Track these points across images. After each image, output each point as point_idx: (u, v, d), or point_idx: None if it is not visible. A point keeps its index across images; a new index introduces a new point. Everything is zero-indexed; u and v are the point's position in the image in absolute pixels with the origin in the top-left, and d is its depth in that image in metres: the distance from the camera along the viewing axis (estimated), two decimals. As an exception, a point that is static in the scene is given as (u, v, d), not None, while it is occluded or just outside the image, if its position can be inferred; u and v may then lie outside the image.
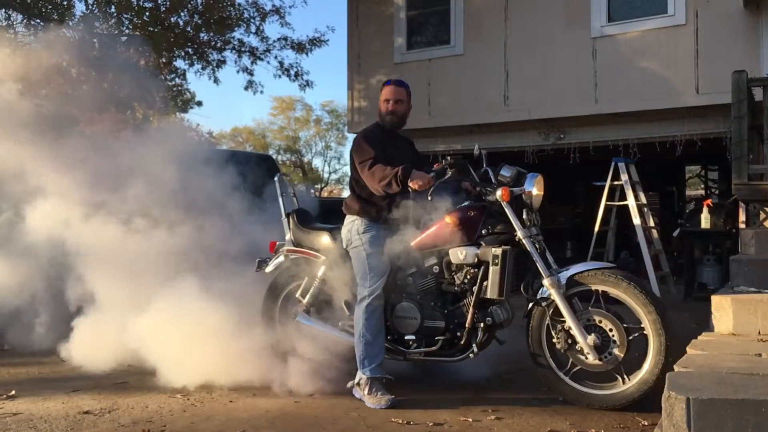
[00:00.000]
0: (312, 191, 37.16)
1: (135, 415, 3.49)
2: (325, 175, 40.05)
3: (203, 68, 12.08)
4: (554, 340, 3.61)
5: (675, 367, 3.09)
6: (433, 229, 3.83)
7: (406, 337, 3.90)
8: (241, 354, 4.13)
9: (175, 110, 13.94)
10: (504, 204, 3.63)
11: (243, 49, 12.50)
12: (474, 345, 3.75)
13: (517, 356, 5.01)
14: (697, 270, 8.62)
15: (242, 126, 37.72)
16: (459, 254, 3.74)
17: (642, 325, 3.46)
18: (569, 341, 3.56)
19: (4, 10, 9.35)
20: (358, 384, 3.81)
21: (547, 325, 3.65)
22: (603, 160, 9.89)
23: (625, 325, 3.49)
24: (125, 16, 10.04)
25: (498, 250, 3.62)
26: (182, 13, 10.63)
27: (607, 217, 9.74)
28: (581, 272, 3.57)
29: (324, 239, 4.21)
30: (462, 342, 3.77)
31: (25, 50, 9.13)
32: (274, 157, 18.80)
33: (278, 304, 4.44)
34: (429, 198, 3.71)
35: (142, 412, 3.53)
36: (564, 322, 3.55)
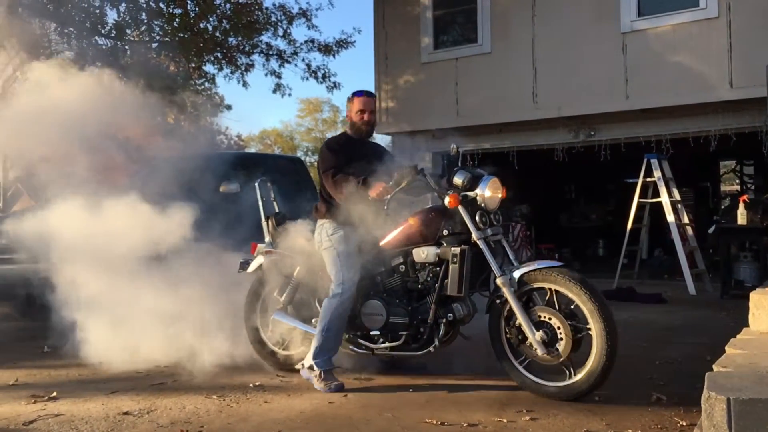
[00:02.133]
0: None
1: (173, 415, 3.55)
2: (354, 176, 40.06)
3: (232, 72, 12.22)
4: (507, 336, 3.82)
5: (714, 366, 3.04)
6: (398, 230, 4.07)
7: (372, 333, 4.12)
8: None
9: (205, 114, 14.11)
10: (459, 208, 3.84)
11: (271, 52, 12.61)
12: (436, 340, 3.97)
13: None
14: (733, 267, 8.45)
15: (270, 128, 37.97)
16: (421, 253, 4.00)
17: (588, 325, 3.60)
18: (520, 336, 3.76)
19: (38, 19, 9.56)
20: (310, 368, 4.06)
21: (504, 318, 3.85)
22: (635, 157, 9.77)
23: (571, 323, 3.64)
24: (156, 23, 10.19)
25: (456, 250, 3.85)
26: (211, 19, 10.76)
27: (640, 215, 9.62)
28: (530, 271, 3.73)
29: (298, 241, 4.44)
30: (425, 337, 4.00)
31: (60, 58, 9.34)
32: (302, 158, 18.89)
33: (259, 302, 4.70)
34: (385, 208, 3.96)
35: (179, 413, 3.59)
36: (516, 317, 3.74)
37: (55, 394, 3.99)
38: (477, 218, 3.86)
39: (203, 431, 3.27)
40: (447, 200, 3.87)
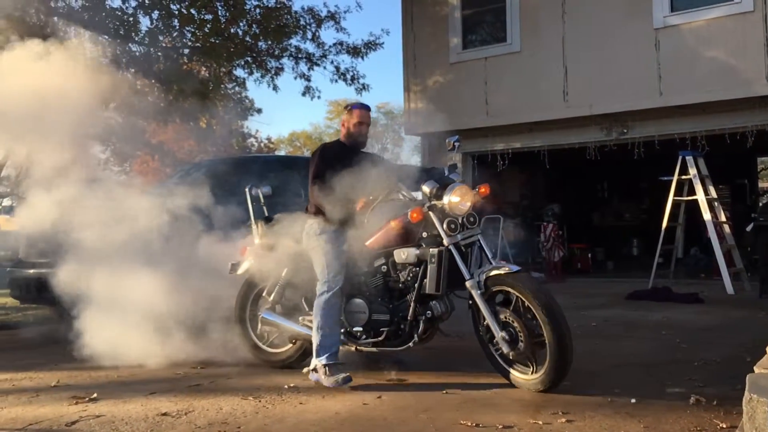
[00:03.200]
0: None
1: (210, 416, 3.59)
2: (383, 177, 40.14)
3: (262, 76, 12.30)
4: (480, 333, 4.09)
5: (755, 368, 2.98)
6: (380, 233, 4.29)
7: (355, 329, 4.35)
8: None
9: (236, 118, 14.25)
10: (430, 215, 4.07)
11: (300, 55, 12.68)
12: (415, 336, 4.18)
13: (586, 357, 4.94)
14: (772, 266, 8.26)
15: (300, 131, 38.19)
16: (402, 254, 4.22)
17: (542, 330, 3.78)
18: (488, 335, 4.02)
19: (73, 27, 9.76)
20: (315, 370, 4.20)
21: (477, 318, 4.12)
22: (669, 154, 9.63)
23: (529, 326, 3.84)
24: (187, 29, 10.33)
25: (435, 251, 4.06)
26: (241, 24, 10.86)
27: (676, 213, 9.47)
28: (494, 275, 3.95)
29: (287, 243, 4.59)
30: (405, 333, 4.22)
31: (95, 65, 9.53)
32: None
33: (249, 302, 4.91)
34: (365, 221, 4.23)
35: (216, 414, 3.64)
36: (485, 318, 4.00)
37: (95, 395, 4.07)
38: (445, 225, 4.06)
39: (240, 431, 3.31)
40: (410, 215, 4.09)
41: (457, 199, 4.08)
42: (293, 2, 13.48)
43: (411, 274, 4.20)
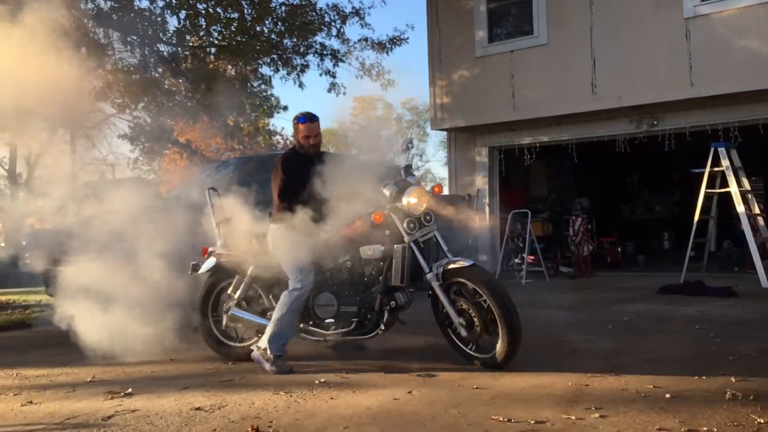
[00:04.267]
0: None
1: (243, 411, 3.63)
2: (408, 173, 40.10)
3: (288, 74, 12.36)
4: (440, 320, 4.58)
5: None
6: (346, 232, 4.63)
7: (327, 321, 4.68)
8: None
9: (262, 116, 14.34)
10: (391, 215, 4.49)
11: (325, 52, 12.71)
12: (382, 324, 4.58)
13: (618, 351, 4.89)
14: (809, 258, 8.09)
15: (324, 127, 38.29)
16: (368, 251, 4.59)
17: (494, 314, 4.29)
18: (447, 321, 4.50)
19: (102, 28, 9.91)
20: (264, 351, 4.53)
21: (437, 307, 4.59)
22: (701, 146, 9.46)
23: (482, 310, 4.34)
24: (214, 28, 10.42)
25: (399, 247, 4.50)
26: (267, 22, 10.92)
27: (708, 206, 9.31)
28: (450, 269, 4.42)
29: (253, 244, 4.87)
30: (372, 322, 4.61)
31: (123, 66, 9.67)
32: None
33: (211, 300, 5.14)
34: (329, 223, 4.60)
35: (249, 409, 3.67)
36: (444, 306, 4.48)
37: (130, 390, 4.14)
38: (405, 224, 4.48)
39: (273, 426, 3.33)
40: (373, 217, 4.51)
41: (415, 200, 4.49)
42: (318, -1, 13.50)
43: (375, 269, 4.62)
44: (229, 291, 5.03)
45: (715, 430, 3.08)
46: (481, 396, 3.78)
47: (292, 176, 4.65)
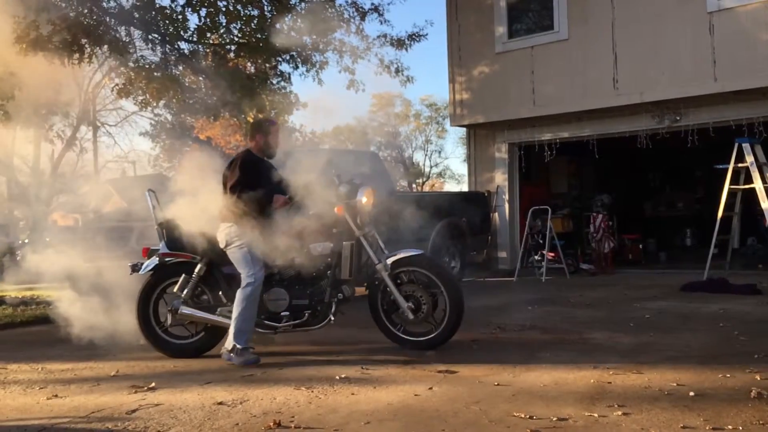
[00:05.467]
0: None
1: (264, 406, 3.66)
2: (426, 169, 40.08)
3: (307, 71, 12.36)
4: (385, 307, 5.06)
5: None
6: (296, 231, 4.91)
7: (282, 314, 4.97)
8: None
9: (282, 113, 14.38)
10: (345, 214, 4.93)
11: (344, 49, 12.68)
12: (330, 315, 4.96)
13: (641, 349, 4.84)
14: (835, 255, 7.94)
15: (343, 125, 38.28)
16: (318, 248, 4.99)
17: (440, 291, 4.95)
18: (395, 306, 5.01)
19: (124, 27, 9.98)
20: (231, 351, 4.73)
21: (380, 294, 5.07)
22: (725, 142, 9.32)
23: (431, 291, 4.98)
24: (234, 25, 10.46)
25: (348, 244, 4.99)
26: (287, 19, 10.93)
27: (732, 202, 9.17)
28: (399, 259, 5.00)
29: (201, 243, 5.02)
30: (321, 314, 4.96)
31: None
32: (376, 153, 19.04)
33: (152, 299, 5.20)
34: (277, 221, 4.87)
35: (270, 404, 3.70)
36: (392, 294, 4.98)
37: (153, 384, 4.19)
38: (359, 220, 4.98)
39: (294, 421, 3.35)
40: (336, 210, 4.95)
41: (365, 200, 4.99)
42: (337, -4, 13.48)
43: (323, 264, 5.00)
44: (174, 289, 5.13)
45: (741, 428, 3.04)
46: (502, 393, 3.77)
47: (249, 177, 4.89)
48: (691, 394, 3.58)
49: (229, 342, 4.78)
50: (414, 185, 38.54)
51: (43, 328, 6.75)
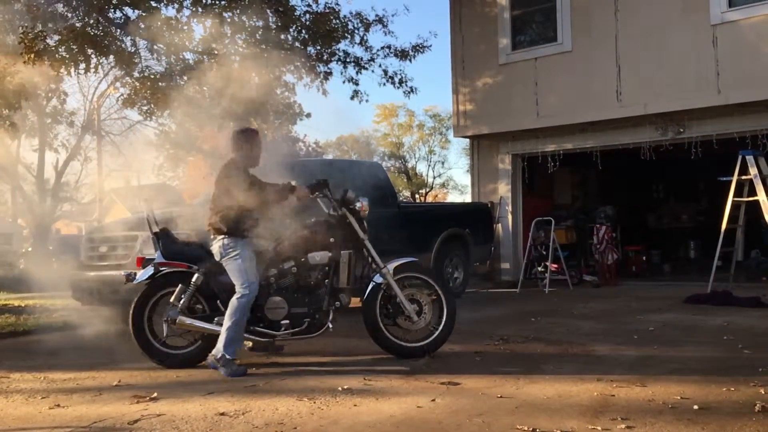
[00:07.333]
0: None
1: (267, 416, 3.65)
2: (429, 180, 40.15)
3: (312, 81, 12.41)
4: (390, 311, 5.12)
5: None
6: (293, 240, 5.01)
7: (282, 322, 4.98)
8: None
9: (286, 123, 14.41)
10: (354, 216, 5.10)
11: (348, 59, 12.74)
12: (328, 323, 5.00)
13: (645, 361, 4.82)
14: (840, 268, 7.91)
15: (347, 134, 38.37)
16: (316, 257, 5.05)
17: (437, 297, 5.19)
18: (399, 310, 5.10)
19: (130, 37, 10.04)
20: (219, 359, 4.73)
21: (380, 301, 5.13)
22: (728, 154, 9.32)
23: (432, 297, 5.20)
24: (239, 36, 10.52)
25: (346, 253, 5.09)
26: (291, 29, 11.00)
27: (735, 214, 9.15)
28: (398, 265, 5.17)
29: (198, 254, 5.09)
30: (319, 322, 5.00)
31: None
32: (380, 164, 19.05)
33: (147, 309, 5.16)
34: (273, 231, 4.98)
35: (273, 414, 3.69)
36: (395, 297, 5.09)
37: (155, 394, 4.18)
38: (364, 224, 5.14)
39: (296, 433, 3.34)
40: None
41: (361, 204, 5.13)
42: (341, 7, 13.56)
43: (321, 273, 5.06)
44: (171, 299, 5.08)
45: (746, 442, 3.03)
46: (505, 405, 3.75)
47: (253, 178, 4.94)
48: (695, 407, 3.56)
49: (218, 350, 4.78)
50: (417, 195, 38.58)
51: (46, 337, 6.75)
